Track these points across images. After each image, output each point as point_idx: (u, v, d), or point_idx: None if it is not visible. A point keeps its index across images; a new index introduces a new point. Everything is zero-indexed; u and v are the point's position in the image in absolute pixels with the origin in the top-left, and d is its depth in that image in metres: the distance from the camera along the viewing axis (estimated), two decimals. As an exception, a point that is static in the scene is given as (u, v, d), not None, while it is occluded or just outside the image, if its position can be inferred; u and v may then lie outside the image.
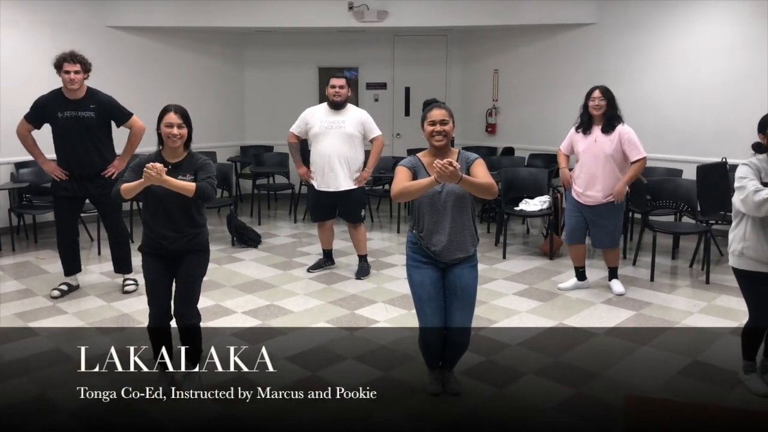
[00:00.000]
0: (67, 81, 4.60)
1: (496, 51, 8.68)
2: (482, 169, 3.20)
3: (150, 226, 3.34)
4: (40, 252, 6.32)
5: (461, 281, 3.25)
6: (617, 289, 4.97)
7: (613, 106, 4.73)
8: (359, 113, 5.34)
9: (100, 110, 4.70)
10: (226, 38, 8.86)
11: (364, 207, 5.54)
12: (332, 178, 5.28)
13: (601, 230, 4.86)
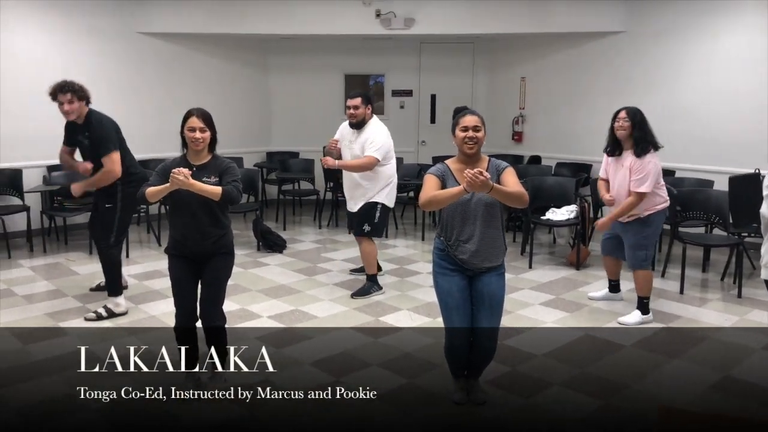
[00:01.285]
0: (62, 112, 4.48)
1: (523, 59, 8.64)
2: (513, 178, 3.17)
3: (176, 227, 3.37)
4: (70, 253, 6.42)
5: (489, 289, 3.23)
6: (624, 318, 4.59)
7: (642, 129, 4.40)
8: (367, 132, 5.04)
9: (91, 139, 4.55)
10: (253, 45, 8.95)
11: (369, 222, 5.12)
12: (349, 199, 5.32)
13: (627, 248, 4.64)
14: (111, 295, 4.68)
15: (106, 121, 4.55)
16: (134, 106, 7.50)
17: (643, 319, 4.58)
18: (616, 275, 4.97)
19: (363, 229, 5.14)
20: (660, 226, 4.64)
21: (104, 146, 4.47)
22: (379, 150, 4.98)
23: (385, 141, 5.05)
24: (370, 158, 4.97)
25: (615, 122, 4.51)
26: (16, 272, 5.73)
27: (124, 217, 4.67)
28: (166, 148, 7.02)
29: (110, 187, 4.60)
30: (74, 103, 4.41)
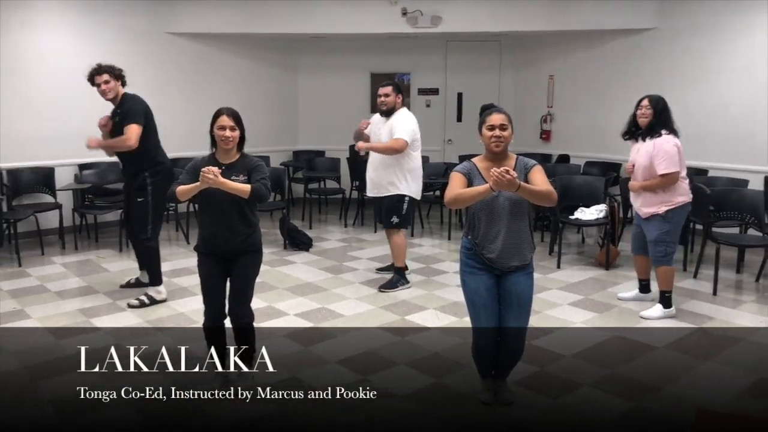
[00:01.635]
0: (100, 93, 4.70)
1: (551, 56, 8.54)
2: (541, 176, 3.13)
3: (205, 226, 3.40)
4: (101, 251, 6.53)
5: (517, 288, 3.19)
6: (646, 312, 4.61)
7: (661, 117, 4.44)
8: (395, 119, 5.12)
9: (122, 117, 4.72)
10: (280, 44, 9.00)
11: (397, 214, 5.17)
12: (369, 185, 5.38)
13: (648, 243, 4.61)
14: (153, 285, 4.85)
15: (138, 100, 4.75)
16: (164, 106, 7.53)
17: (665, 313, 4.54)
18: (647, 274, 4.89)
19: (391, 221, 5.20)
20: (681, 223, 4.60)
21: (129, 118, 4.65)
22: (405, 132, 5.03)
23: (413, 127, 5.11)
24: (398, 140, 5.01)
25: (638, 109, 4.56)
26: (48, 269, 5.84)
27: (156, 208, 4.81)
28: (196, 147, 7.11)
29: (140, 180, 4.73)
30: (110, 82, 4.64)
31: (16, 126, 6.66)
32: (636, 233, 4.77)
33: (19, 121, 6.68)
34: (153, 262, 4.88)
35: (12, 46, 6.61)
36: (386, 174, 5.18)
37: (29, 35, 6.72)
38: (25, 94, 6.73)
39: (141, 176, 4.76)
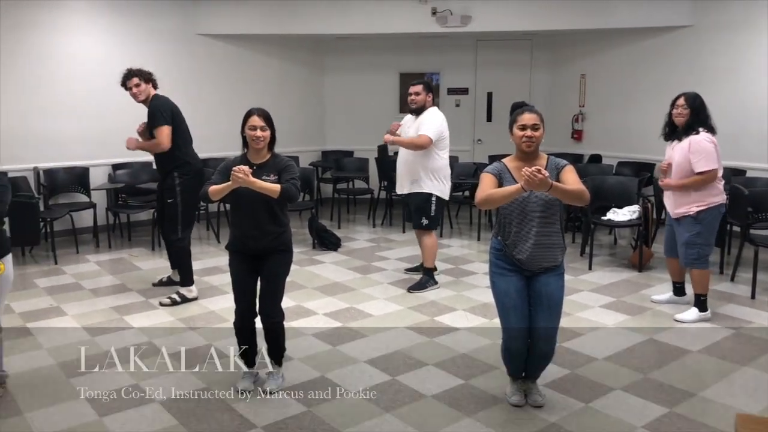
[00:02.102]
0: (132, 96, 4.82)
1: (583, 55, 8.43)
2: (573, 176, 3.09)
3: (236, 225, 3.43)
4: (134, 249, 6.64)
5: (547, 290, 3.15)
6: (680, 315, 4.50)
7: (699, 115, 4.32)
8: (424, 117, 5.12)
9: (149, 118, 4.81)
10: (309, 45, 9.05)
11: (425, 215, 5.14)
12: (398, 183, 5.39)
13: (679, 245, 4.49)
14: (184, 285, 4.91)
15: (163, 99, 4.82)
16: (195, 107, 7.66)
17: (701, 316, 4.43)
18: (681, 277, 4.78)
19: (421, 223, 5.18)
20: (714, 224, 4.45)
21: (155, 119, 4.73)
22: (430, 129, 5.02)
23: (440, 125, 5.09)
24: (422, 136, 5.01)
25: (674, 108, 4.44)
26: (83, 267, 5.96)
27: (186, 209, 4.86)
28: (227, 147, 7.19)
29: (170, 181, 4.80)
30: (140, 85, 4.74)
31: (52, 127, 6.82)
32: (669, 235, 4.67)
33: (54, 122, 6.84)
34: (184, 262, 4.95)
35: (46, 49, 6.77)
36: (410, 171, 5.18)
37: (63, 37, 6.88)
38: (60, 96, 6.88)
39: (170, 177, 4.83)
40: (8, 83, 6.53)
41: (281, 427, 3.10)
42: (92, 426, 3.10)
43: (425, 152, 5.07)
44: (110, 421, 3.14)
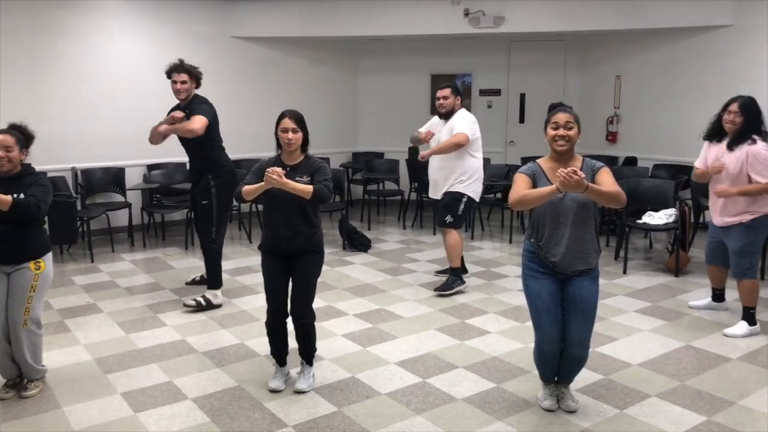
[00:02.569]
0: (174, 90, 4.73)
1: (618, 56, 8.29)
2: (609, 177, 3.03)
3: (269, 225, 3.45)
4: (167, 249, 6.74)
5: (581, 293, 3.10)
6: (729, 330, 4.29)
7: (753, 123, 4.13)
8: (454, 119, 5.09)
9: (191, 113, 4.71)
10: (342, 47, 9.08)
11: (452, 213, 5.10)
12: (431, 188, 5.38)
13: (730, 254, 4.32)
14: (210, 288, 4.89)
15: (208, 103, 4.78)
16: (229, 108, 7.73)
17: (751, 330, 4.27)
18: (721, 284, 4.66)
19: (445, 220, 5.15)
20: (765, 234, 4.29)
21: (196, 110, 4.63)
22: (466, 127, 5.00)
23: (471, 124, 5.07)
24: (459, 135, 4.99)
25: (725, 113, 4.24)
26: (118, 265, 6.07)
27: (220, 211, 4.86)
28: (261, 149, 7.27)
29: (204, 183, 4.79)
30: (187, 83, 4.70)
31: (89, 128, 6.97)
32: (712, 243, 4.49)
33: (92, 124, 6.99)
34: (214, 264, 4.91)
35: (84, 52, 6.92)
36: (445, 174, 5.16)
37: (101, 41, 7.02)
38: (98, 98, 7.03)
39: (205, 179, 4.82)
40: (48, 86, 6.70)
41: (312, 426, 3.11)
42: (127, 421, 3.16)
43: (459, 154, 5.04)
44: (145, 417, 3.19)
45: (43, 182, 3.34)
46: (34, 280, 3.30)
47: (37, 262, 3.33)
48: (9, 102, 6.36)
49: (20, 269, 3.28)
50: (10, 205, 3.13)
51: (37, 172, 3.40)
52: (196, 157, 4.84)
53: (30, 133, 3.40)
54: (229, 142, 5.11)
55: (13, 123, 3.39)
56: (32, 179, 3.32)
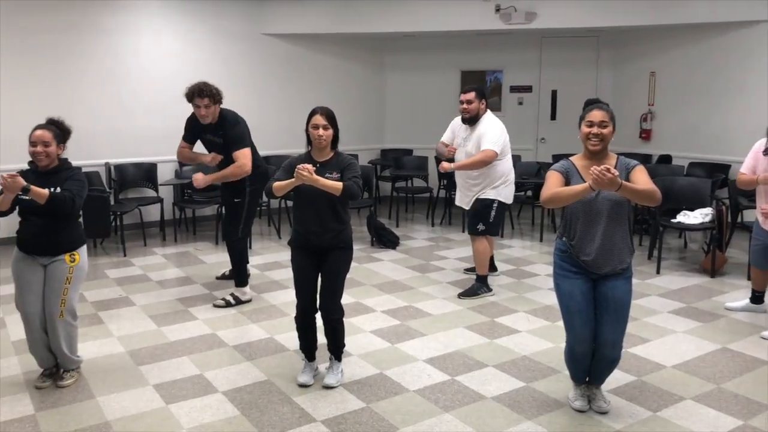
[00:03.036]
0: (198, 115, 4.60)
1: (653, 52, 8.12)
2: (644, 176, 2.97)
3: (299, 221, 3.46)
4: (198, 243, 6.81)
5: (614, 294, 3.05)
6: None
7: None
8: (481, 128, 4.82)
9: (226, 138, 4.66)
10: (370, 43, 9.08)
11: (483, 221, 4.90)
12: (458, 196, 5.19)
13: None
14: (238, 285, 4.90)
15: (241, 120, 4.70)
16: (259, 105, 7.85)
17: None
18: (763, 287, 4.54)
19: (477, 228, 4.94)
20: None
21: (240, 143, 4.58)
22: (495, 143, 4.74)
23: (501, 134, 4.82)
24: (487, 152, 4.73)
25: None
26: (150, 259, 6.16)
27: (250, 211, 4.87)
28: (290, 145, 7.30)
29: (239, 183, 4.73)
30: (210, 107, 4.55)
31: (122, 124, 7.09)
32: (758, 246, 4.39)
33: (125, 120, 7.11)
34: (240, 262, 4.90)
35: (117, 49, 7.03)
36: (474, 183, 4.95)
37: (133, 39, 7.13)
38: (131, 95, 7.14)
39: (241, 181, 4.75)
40: (83, 83, 6.82)
41: (340, 421, 3.11)
42: (159, 412, 3.20)
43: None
44: (176, 409, 3.23)
45: (79, 177, 3.40)
46: (69, 272, 3.36)
47: (72, 254, 3.39)
48: (45, 98, 6.50)
49: (56, 261, 3.35)
50: (47, 199, 3.19)
51: (73, 166, 3.46)
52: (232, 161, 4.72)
53: (67, 128, 3.46)
54: (259, 139, 5.14)
55: (51, 118, 3.46)
56: (68, 174, 3.39)
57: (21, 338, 3.78)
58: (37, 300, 3.34)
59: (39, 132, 3.32)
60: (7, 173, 3.11)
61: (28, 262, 3.36)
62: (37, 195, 3.17)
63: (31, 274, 3.34)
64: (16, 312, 3.47)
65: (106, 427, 3.05)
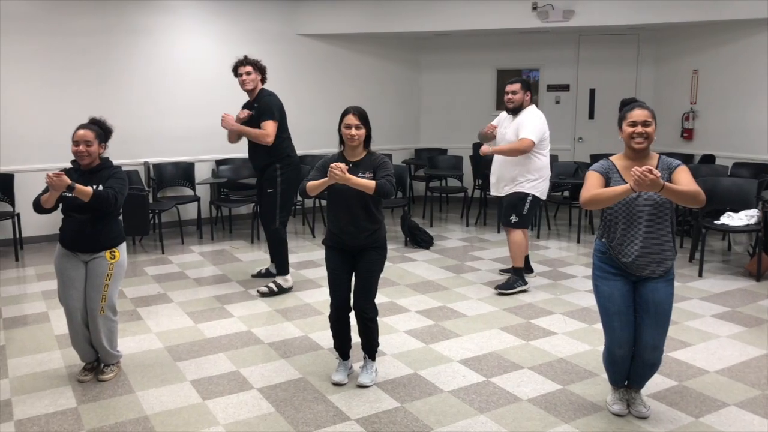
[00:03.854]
0: (240, 82, 4.94)
1: (695, 49, 7.92)
2: (687, 176, 2.89)
3: (333, 220, 3.47)
4: (234, 241, 6.90)
5: (654, 296, 2.97)
6: None
7: None
8: (522, 117, 4.95)
9: (259, 110, 4.92)
10: (405, 43, 9.06)
11: (516, 213, 5.00)
12: (493, 185, 5.24)
13: None
14: (280, 274, 5.05)
15: (274, 97, 4.97)
16: (294, 105, 7.84)
17: None
18: None
19: (510, 220, 5.04)
20: None
21: (266, 114, 4.86)
22: (533, 132, 4.83)
23: (540, 125, 4.91)
24: (524, 140, 4.83)
25: None
26: (188, 257, 6.26)
27: (284, 199, 5.00)
28: (325, 144, 7.35)
29: (271, 173, 4.94)
30: (252, 74, 4.89)
31: (161, 124, 7.22)
32: None
33: (164, 120, 7.24)
34: (280, 251, 5.07)
35: (156, 51, 7.17)
36: (510, 172, 5.03)
37: (171, 40, 7.25)
38: (169, 95, 7.27)
39: (272, 168, 4.96)
40: (123, 83, 6.97)
41: (374, 420, 3.11)
42: (197, 408, 3.24)
43: (525, 155, 4.91)
44: (213, 405, 3.27)
45: (120, 175, 3.47)
46: (109, 269, 3.43)
47: (112, 251, 3.46)
48: (86, 99, 6.66)
49: (97, 258, 3.42)
50: (91, 196, 3.26)
51: (114, 165, 3.53)
52: (264, 149, 4.93)
53: (109, 128, 3.53)
54: (295, 139, 5.20)
55: (94, 118, 3.53)
56: (110, 172, 3.46)
57: (64, 332, 3.88)
58: (79, 295, 3.42)
59: (82, 131, 3.39)
60: (53, 172, 3.19)
61: (70, 258, 3.44)
62: (81, 192, 3.24)
63: (74, 270, 3.42)
64: (59, 307, 3.56)
65: (145, 421, 3.10)
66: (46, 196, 3.31)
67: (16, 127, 6.46)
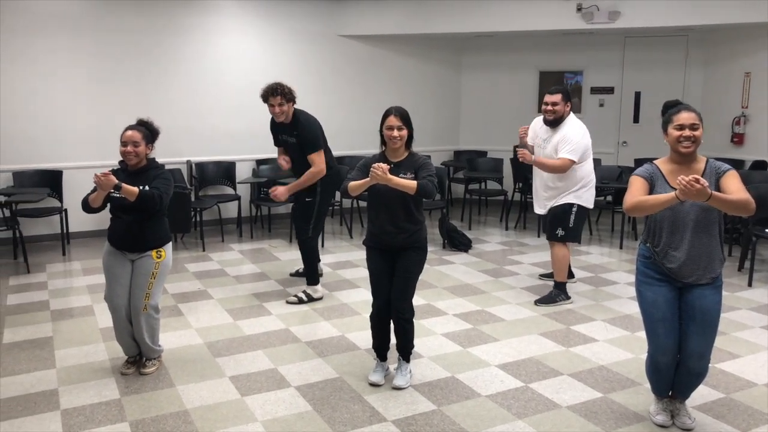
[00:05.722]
0: (272, 113, 4.72)
1: (748, 52, 7.66)
2: (736, 182, 2.78)
3: (373, 221, 3.47)
4: (273, 240, 6.97)
5: (701, 303, 2.88)
6: None
7: None
8: (563, 132, 4.67)
9: (300, 138, 4.78)
10: (446, 43, 9.02)
11: (563, 225, 4.75)
12: (536, 200, 5.04)
13: None
14: (309, 284, 4.96)
15: (313, 121, 4.80)
16: (334, 106, 7.95)
17: None
18: None
19: (556, 234, 4.79)
20: None
21: (313, 145, 4.71)
22: (573, 151, 4.58)
23: (581, 140, 4.64)
24: (564, 161, 4.58)
25: None
26: (227, 255, 6.35)
27: (321, 209, 4.92)
28: (366, 145, 7.37)
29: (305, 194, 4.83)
30: (284, 105, 4.66)
31: (203, 124, 7.35)
32: None
33: (206, 119, 7.37)
34: (310, 260, 4.96)
35: (199, 51, 7.29)
36: (554, 188, 4.80)
37: (214, 40, 7.37)
38: (212, 95, 7.39)
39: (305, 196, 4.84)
40: (166, 83, 7.12)
41: (410, 422, 3.09)
42: (235, 404, 3.28)
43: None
44: (251, 401, 3.30)
45: (166, 176, 3.54)
46: (155, 268, 3.50)
47: (159, 251, 3.53)
48: (131, 98, 6.83)
49: (143, 257, 3.50)
50: (137, 196, 3.33)
51: (160, 165, 3.60)
52: (304, 164, 4.80)
53: (155, 129, 3.60)
54: (334, 139, 5.20)
55: (141, 119, 3.61)
56: (156, 173, 3.53)
57: (108, 326, 3.97)
58: (124, 292, 3.50)
59: (129, 132, 3.47)
60: (100, 172, 3.27)
61: (117, 256, 3.52)
62: (128, 192, 3.31)
63: (120, 267, 3.50)
64: (104, 301, 3.65)
65: (185, 415, 3.15)
66: (94, 196, 3.40)
67: (65, 124, 6.67)
